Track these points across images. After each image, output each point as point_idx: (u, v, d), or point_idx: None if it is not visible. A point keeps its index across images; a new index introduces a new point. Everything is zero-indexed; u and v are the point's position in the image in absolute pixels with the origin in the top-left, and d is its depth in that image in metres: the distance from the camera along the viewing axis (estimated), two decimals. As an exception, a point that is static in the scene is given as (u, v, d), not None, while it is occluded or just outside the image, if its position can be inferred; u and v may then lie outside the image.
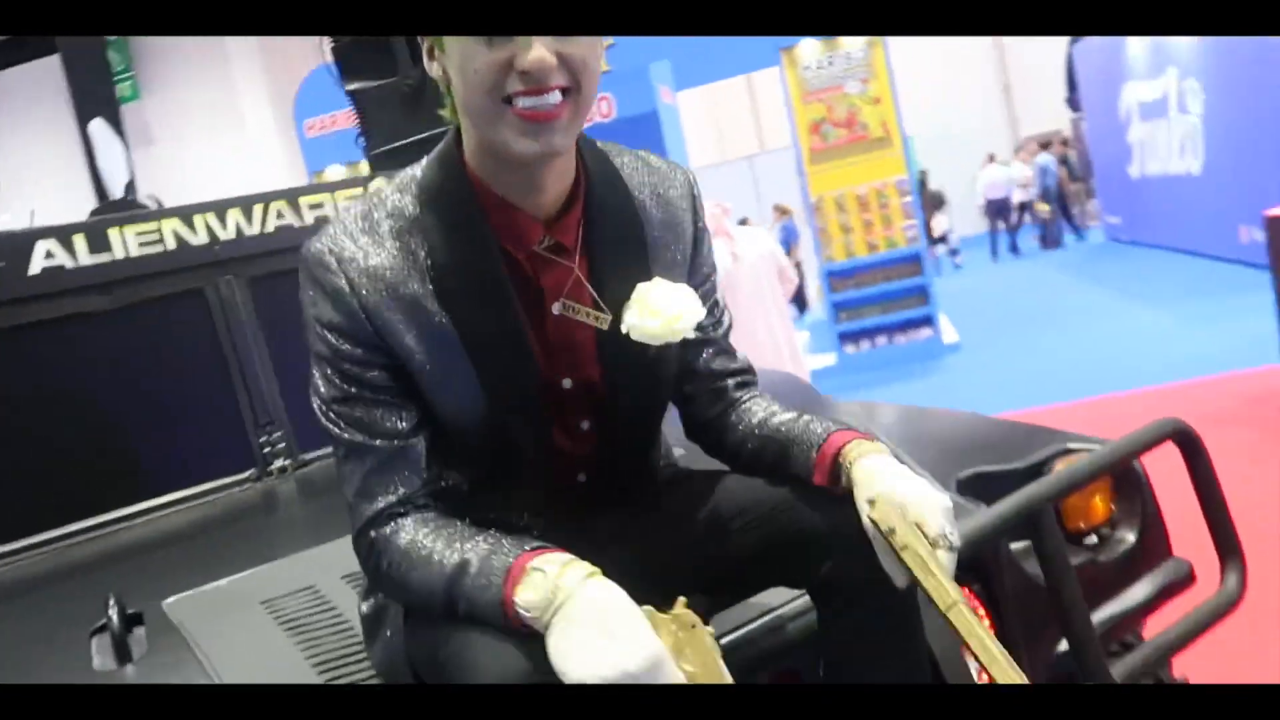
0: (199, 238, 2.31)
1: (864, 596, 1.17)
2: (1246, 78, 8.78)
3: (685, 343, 1.23)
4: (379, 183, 2.56)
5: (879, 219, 8.86)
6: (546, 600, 1.00)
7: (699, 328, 1.23)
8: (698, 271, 1.31)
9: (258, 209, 2.39)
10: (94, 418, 2.21)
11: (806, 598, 1.29)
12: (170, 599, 1.60)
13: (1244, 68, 8.75)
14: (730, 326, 1.38)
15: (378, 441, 1.15)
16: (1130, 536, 1.85)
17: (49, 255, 2.16)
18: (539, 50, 1.05)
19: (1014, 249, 15.31)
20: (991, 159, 15.38)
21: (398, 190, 1.19)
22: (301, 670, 1.39)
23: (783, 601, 1.42)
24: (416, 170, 1.21)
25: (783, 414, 1.29)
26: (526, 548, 1.06)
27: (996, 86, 18.23)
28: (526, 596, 1.01)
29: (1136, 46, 11.62)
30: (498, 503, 1.22)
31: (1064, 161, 15.64)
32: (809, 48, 8.75)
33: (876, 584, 1.12)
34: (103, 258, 2.21)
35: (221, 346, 2.29)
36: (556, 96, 1.08)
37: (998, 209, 15.04)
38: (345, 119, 9.27)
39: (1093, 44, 13.23)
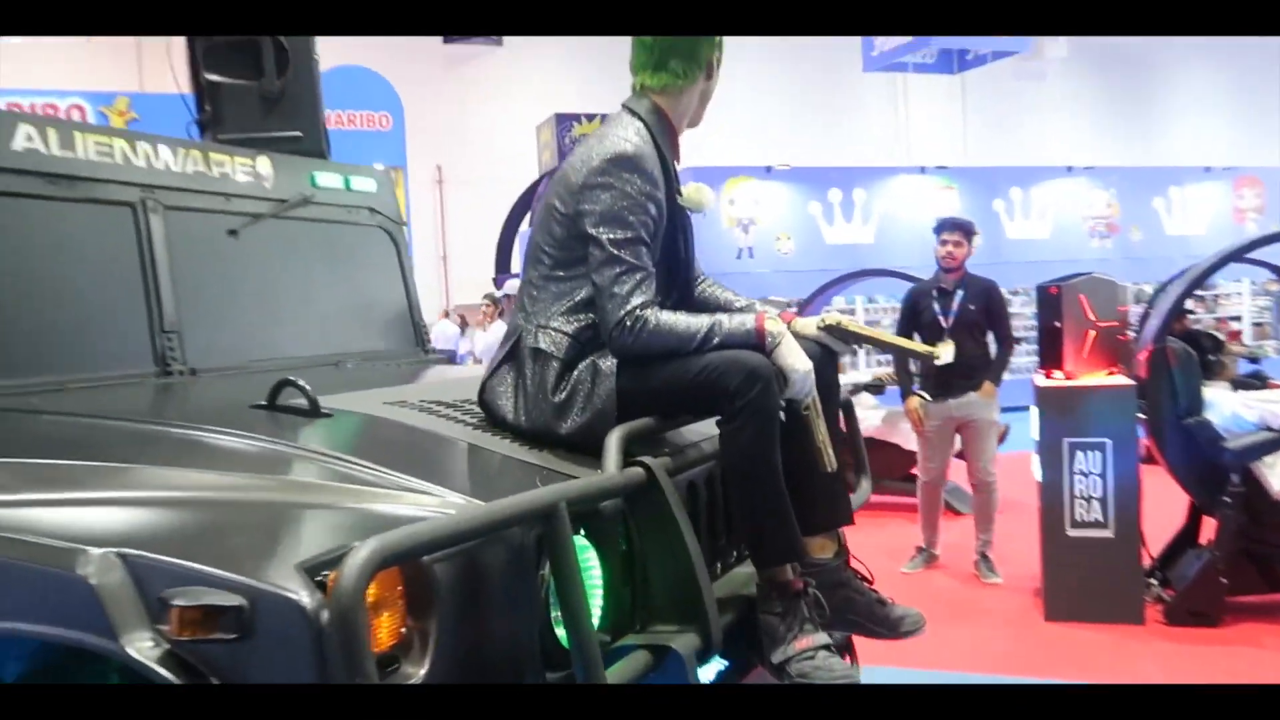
0: (138, 160, 2.75)
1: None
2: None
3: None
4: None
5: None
6: (780, 331, 2.08)
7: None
8: None
9: (182, 150, 2.90)
10: (20, 289, 2.41)
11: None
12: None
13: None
14: None
15: (648, 266, 2.07)
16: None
17: (29, 139, 2.48)
18: None
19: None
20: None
21: (629, 127, 2.13)
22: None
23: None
24: (628, 116, 2.17)
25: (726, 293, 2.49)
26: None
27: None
28: (772, 328, 2.08)
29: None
30: None
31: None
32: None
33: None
34: (66, 154, 2.57)
35: (141, 256, 2.65)
36: None
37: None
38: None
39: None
